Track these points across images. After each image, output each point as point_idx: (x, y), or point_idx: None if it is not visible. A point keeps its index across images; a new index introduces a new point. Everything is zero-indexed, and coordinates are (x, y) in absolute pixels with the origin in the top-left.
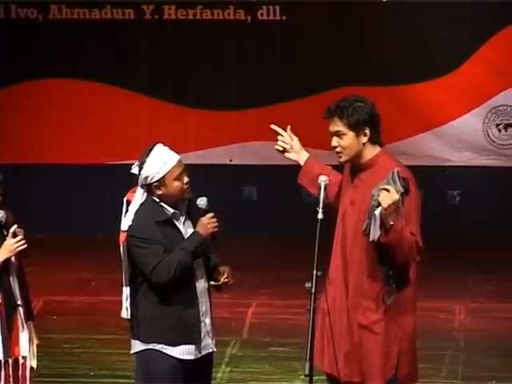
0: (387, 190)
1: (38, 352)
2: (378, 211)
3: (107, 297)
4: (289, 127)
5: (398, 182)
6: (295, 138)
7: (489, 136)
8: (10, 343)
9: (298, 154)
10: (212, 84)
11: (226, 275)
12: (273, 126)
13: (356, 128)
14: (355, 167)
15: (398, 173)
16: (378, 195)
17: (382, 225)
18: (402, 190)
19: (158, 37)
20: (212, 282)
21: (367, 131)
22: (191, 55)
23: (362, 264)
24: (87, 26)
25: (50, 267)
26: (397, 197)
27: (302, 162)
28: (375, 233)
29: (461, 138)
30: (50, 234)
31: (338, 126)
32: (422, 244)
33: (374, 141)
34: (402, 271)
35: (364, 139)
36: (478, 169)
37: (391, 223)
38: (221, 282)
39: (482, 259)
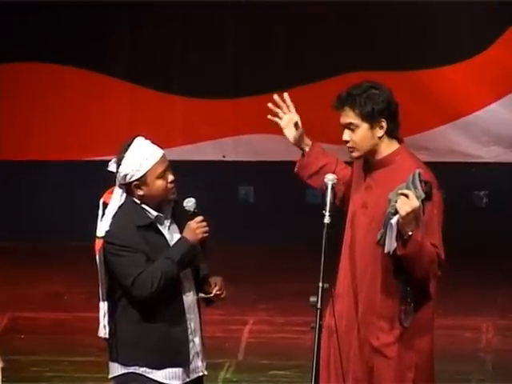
0: (406, 196)
1: (2, 376)
2: (394, 220)
3: (82, 313)
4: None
5: (419, 187)
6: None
7: None
8: None
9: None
10: (202, 69)
11: (217, 287)
12: (286, 96)
13: (370, 119)
14: (369, 164)
15: (419, 175)
16: (396, 201)
17: (400, 235)
18: (423, 195)
19: (141, 16)
20: (201, 294)
21: (383, 123)
22: (179, 36)
23: (374, 277)
24: (61, 4)
25: (16, 279)
26: (417, 204)
27: (306, 147)
28: (391, 244)
29: (488, 130)
30: (15, 240)
31: (349, 117)
32: (444, 257)
33: (391, 134)
34: (420, 287)
35: (380, 132)
36: (508, 166)
37: (410, 233)
38: (212, 295)
39: None
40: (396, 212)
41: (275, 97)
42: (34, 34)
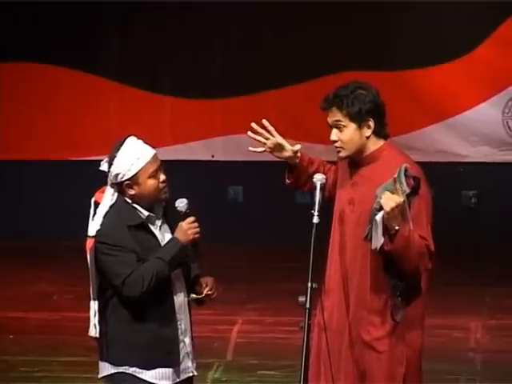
0: (391, 192)
1: None
2: (379, 216)
3: (72, 313)
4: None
5: (404, 181)
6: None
7: (509, 128)
8: None
9: (290, 151)
10: (192, 69)
11: (209, 287)
12: (264, 122)
13: (358, 119)
14: (354, 162)
15: (405, 170)
16: (381, 197)
17: (386, 230)
18: (407, 190)
19: (131, 17)
20: (192, 295)
21: (371, 123)
22: (169, 37)
23: (364, 272)
24: (51, 4)
25: (6, 279)
26: (401, 199)
27: (296, 160)
28: (377, 240)
29: (477, 130)
30: (5, 240)
31: (337, 117)
32: (433, 248)
33: (378, 134)
34: (411, 282)
35: (367, 132)
36: (496, 166)
37: (396, 228)
38: (203, 295)
39: (502, 269)
40: (381, 208)
41: (253, 124)
42: (28, 34)
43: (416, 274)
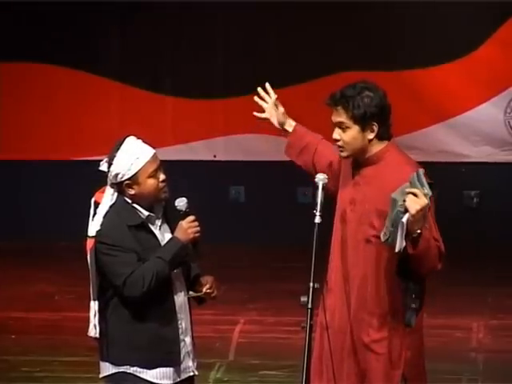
0: (414, 194)
1: None
2: (405, 218)
3: (72, 313)
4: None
5: (427, 184)
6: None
7: (511, 128)
8: None
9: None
10: (193, 68)
11: (208, 285)
12: (267, 85)
13: (362, 122)
14: (357, 161)
15: (423, 174)
16: (404, 200)
17: (408, 234)
18: (430, 193)
19: (132, 17)
20: (191, 293)
21: (375, 127)
22: (170, 36)
23: (365, 273)
24: (51, 4)
25: (7, 279)
26: (425, 201)
27: (289, 128)
28: (402, 243)
29: (479, 130)
30: (5, 240)
31: (341, 117)
32: (444, 249)
33: (381, 136)
34: (422, 283)
35: (370, 135)
36: (498, 166)
37: (418, 231)
38: (202, 293)
39: (503, 269)
40: (405, 211)
41: (259, 89)
42: (28, 34)
43: (427, 276)
